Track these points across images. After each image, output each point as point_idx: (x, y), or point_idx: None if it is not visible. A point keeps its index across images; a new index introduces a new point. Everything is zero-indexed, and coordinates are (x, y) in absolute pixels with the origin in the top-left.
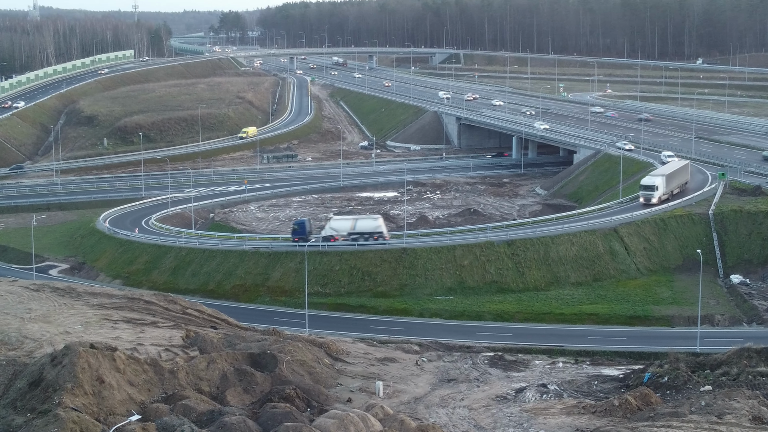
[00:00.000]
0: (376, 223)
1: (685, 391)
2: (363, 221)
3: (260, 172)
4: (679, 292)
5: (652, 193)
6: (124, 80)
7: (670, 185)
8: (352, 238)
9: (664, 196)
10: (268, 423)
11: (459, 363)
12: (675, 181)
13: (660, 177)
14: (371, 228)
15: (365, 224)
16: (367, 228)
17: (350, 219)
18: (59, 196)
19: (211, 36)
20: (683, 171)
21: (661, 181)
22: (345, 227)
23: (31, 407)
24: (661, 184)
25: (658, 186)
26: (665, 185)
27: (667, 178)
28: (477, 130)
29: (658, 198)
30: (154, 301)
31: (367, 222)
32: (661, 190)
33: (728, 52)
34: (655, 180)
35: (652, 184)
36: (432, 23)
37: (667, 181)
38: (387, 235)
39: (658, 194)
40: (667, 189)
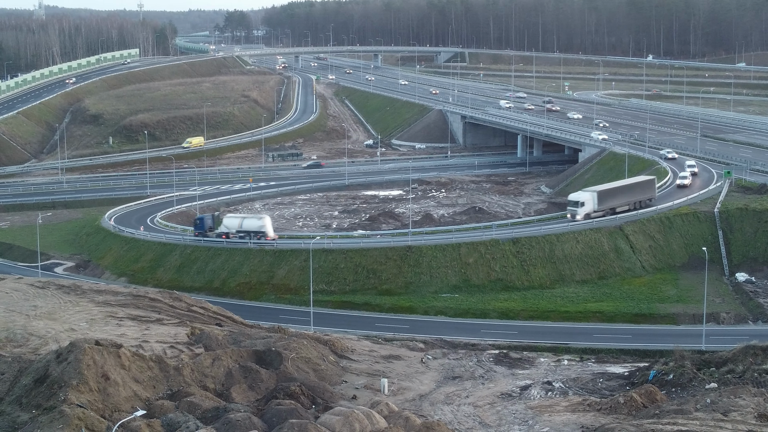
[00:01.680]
0: (260, 223)
1: (690, 388)
2: (249, 220)
3: (265, 170)
4: (684, 290)
5: (576, 209)
6: (129, 79)
7: (606, 203)
8: (239, 235)
9: (595, 213)
10: (273, 420)
11: (464, 360)
12: (618, 198)
13: (589, 193)
14: (256, 227)
15: (251, 223)
16: (252, 227)
17: (239, 217)
18: (64, 195)
19: (216, 35)
20: (639, 187)
21: (589, 197)
22: (234, 225)
23: (36, 404)
24: (590, 200)
25: (584, 202)
26: (596, 202)
27: (600, 195)
28: (482, 128)
29: (583, 215)
30: (159, 299)
31: (252, 221)
32: (588, 207)
33: (734, 51)
34: (581, 196)
35: (577, 200)
36: (437, 22)
37: (600, 199)
38: (270, 235)
39: (584, 211)
40: (600, 206)
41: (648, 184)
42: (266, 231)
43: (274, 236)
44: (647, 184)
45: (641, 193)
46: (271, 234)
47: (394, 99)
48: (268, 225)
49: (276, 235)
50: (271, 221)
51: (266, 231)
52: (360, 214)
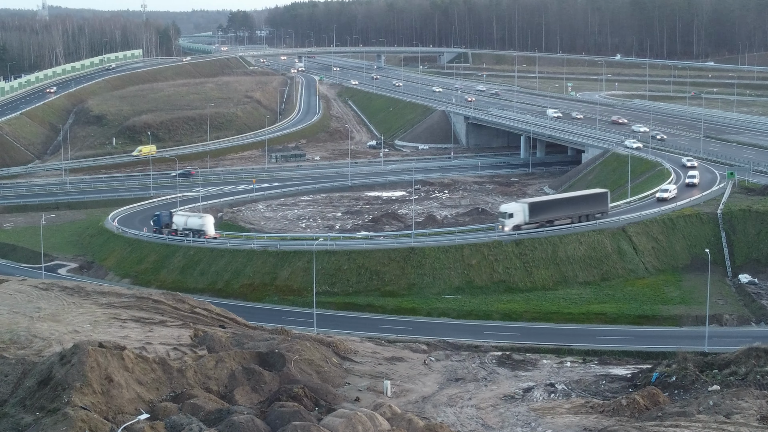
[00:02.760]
0: (200, 222)
1: (693, 390)
2: (192, 219)
3: (269, 171)
4: (687, 291)
5: (504, 220)
6: (132, 79)
7: (538, 215)
8: (185, 232)
9: (526, 225)
10: (276, 422)
11: (467, 362)
12: (556, 211)
13: (520, 205)
14: (197, 225)
15: (193, 221)
16: (194, 225)
17: (185, 216)
18: (68, 195)
19: (219, 35)
20: (586, 200)
21: (519, 208)
22: (181, 222)
23: (40, 406)
24: (520, 212)
25: (513, 214)
26: (526, 215)
27: (532, 207)
28: (485, 129)
29: (512, 227)
30: (162, 300)
31: (194, 220)
32: (517, 219)
33: (737, 51)
34: (511, 207)
35: (505, 212)
36: (440, 22)
37: (532, 211)
38: (209, 234)
39: (512, 222)
40: (531, 218)
41: (599, 198)
42: (206, 230)
43: (214, 235)
44: (597, 197)
45: (589, 207)
46: (211, 233)
47: (397, 100)
48: (207, 224)
49: (217, 234)
50: (213, 221)
51: (206, 230)
52: (363, 216)
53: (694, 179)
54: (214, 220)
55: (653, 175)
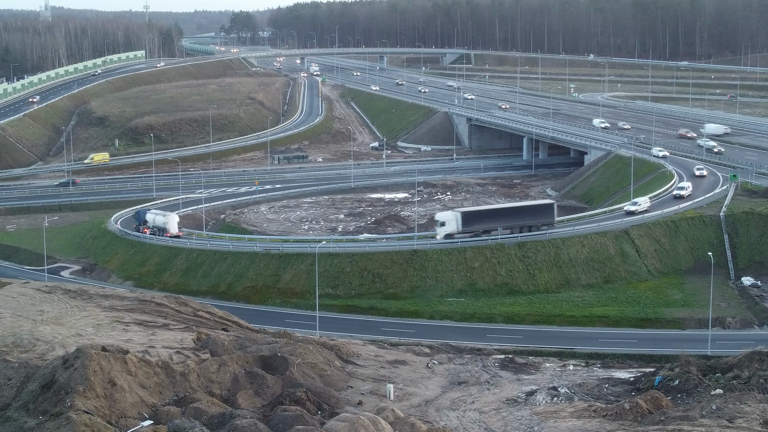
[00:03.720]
0: (164, 220)
1: (696, 394)
2: (158, 217)
3: (271, 173)
4: (690, 294)
5: (437, 228)
6: (135, 81)
7: (473, 224)
8: (154, 230)
9: (460, 234)
10: (279, 426)
11: (470, 365)
12: (493, 221)
13: (453, 213)
14: (161, 223)
15: (159, 219)
16: (159, 223)
17: (153, 214)
18: (71, 197)
19: (222, 36)
20: (528, 211)
21: (452, 217)
22: (150, 220)
23: (43, 410)
24: (452, 220)
25: (445, 222)
26: (459, 223)
27: (465, 216)
28: (488, 130)
29: (444, 235)
30: (165, 304)
31: (159, 218)
32: (450, 227)
33: (740, 52)
34: (444, 216)
35: (438, 220)
36: (443, 23)
37: (465, 220)
38: (171, 231)
39: (444, 231)
40: (464, 227)
41: (544, 209)
42: (168, 227)
43: (177, 233)
44: (542, 208)
45: (532, 218)
46: (173, 231)
47: (400, 101)
48: (170, 222)
49: (181, 232)
50: (177, 220)
51: (168, 227)
52: (366, 218)
53: (683, 191)
54: (178, 219)
55: (656, 177)
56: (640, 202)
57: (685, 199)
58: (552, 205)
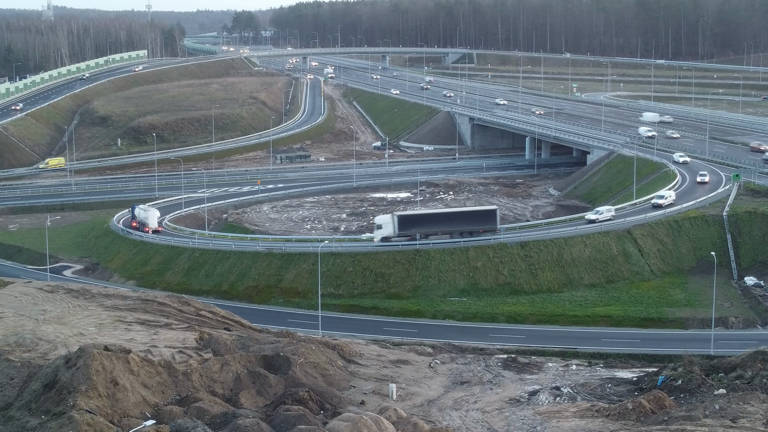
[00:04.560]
0: (145, 215)
1: (699, 394)
2: (141, 212)
3: (273, 172)
4: (692, 294)
5: (375, 232)
6: (137, 80)
7: (409, 228)
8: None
9: (397, 237)
10: (281, 425)
11: (472, 365)
12: (431, 225)
13: (389, 217)
14: (142, 218)
15: (142, 214)
16: (141, 217)
17: (140, 209)
18: (73, 197)
19: (224, 36)
20: (470, 216)
21: (389, 220)
22: (137, 214)
23: (45, 409)
24: (389, 224)
25: (382, 225)
26: (396, 227)
27: (401, 220)
28: (490, 130)
29: (380, 238)
30: (167, 303)
31: (141, 213)
32: (386, 231)
33: (742, 52)
34: (381, 219)
35: (375, 223)
36: (445, 23)
37: (401, 223)
38: (150, 226)
39: (381, 234)
40: (401, 231)
41: (486, 215)
42: (147, 222)
43: (155, 228)
44: (484, 214)
45: (473, 224)
46: (152, 226)
47: (402, 101)
48: (149, 217)
49: (161, 227)
50: (157, 215)
51: (147, 222)
52: (368, 217)
53: (662, 200)
54: (158, 214)
55: (658, 177)
56: (602, 211)
57: (664, 208)
58: (494, 211)
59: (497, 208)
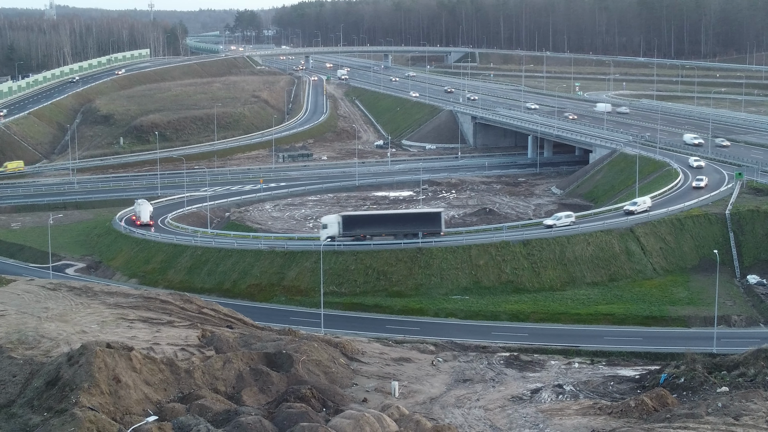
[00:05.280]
0: (138, 208)
1: (701, 392)
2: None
3: (276, 171)
4: (695, 292)
5: (320, 231)
6: (140, 79)
7: (354, 229)
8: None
9: (341, 237)
10: (283, 423)
11: (474, 363)
12: (376, 226)
13: (335, 217)
14: (136, 211)
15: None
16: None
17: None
18: (76, 195)
19: (226, 35)
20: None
21: (334, 220)
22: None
23: (47, 406)
24: (334, 224)
25: (327, 225)
26: (340, 227)
27: (346, 220)
28: (492, 129)
29: (325, 237)
30: (170, 301)
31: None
32: (332, 230)
33: (745, 51)
34: (327, 219)
35: (321, 222)
36: (447, 22)
37: (345, 224)
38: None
39: (326, 233)
40: (345, 231)
41: (430, 217)
42: (140, 216)
43: (147, 221)
44: (428, 216)
45: (417, 226)
46: (143, 219)
47: (405, 99)
48: (142, 211)
49: (151, 221)
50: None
51: (140, 216)
52: None
53: (635, 206)
54: (150, 209)
55: (661, 176)
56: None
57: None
58: (439, 214)
59: (442, 211)
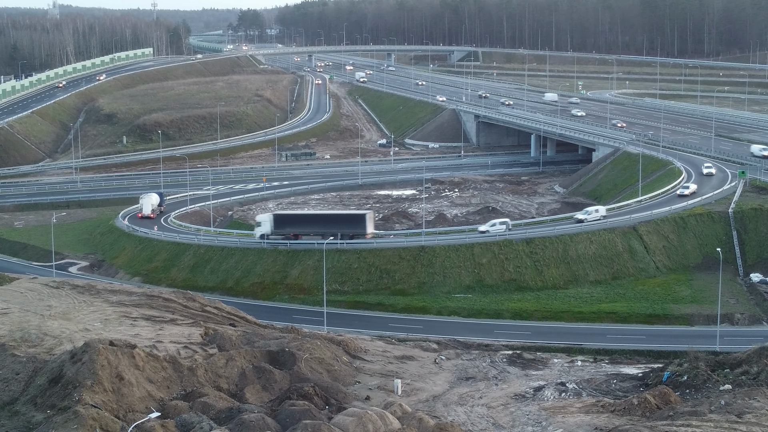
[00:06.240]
0: (141, 201)
1: (704, 390)
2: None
3: (279, 169)
4: (698, 290)
5: (255, 229)
6: (143, 78)
7: (284, 228)
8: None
9: (273, 236)
10: (286, 420)
11: (477, 361)
12: (305, 226)
13: (267, 215)
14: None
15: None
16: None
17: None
18: (79, 194)
19: (229, 34)
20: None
21: (267, 219)
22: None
23: (51, 404)
24: (267, 222)
25: (261, 223)
26: (272, 225)
27: (277, 219)
28: (495, 127)
29: (259, 235)
30: (173, 299)
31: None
32: (264, 229)
33: (748, 50)
34: (260, 217)
35: (256, 220)
36: (450, 21)
37: (276, 222)
38: (143, 212)
39: (260, 231)
40: (276, 230)
41: (356, 219)
42: (142, 209)
43: (148, 214)
44: (354, 218)
45: (343, 227)
46: (144, 212)
47: (408, 98)
48: (144, 204)
49: (152, 214)
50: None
51: (142, 209)
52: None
53: (587, 215)
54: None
55: (664, 174)
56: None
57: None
58: (364, 216)
59: (366, 213)
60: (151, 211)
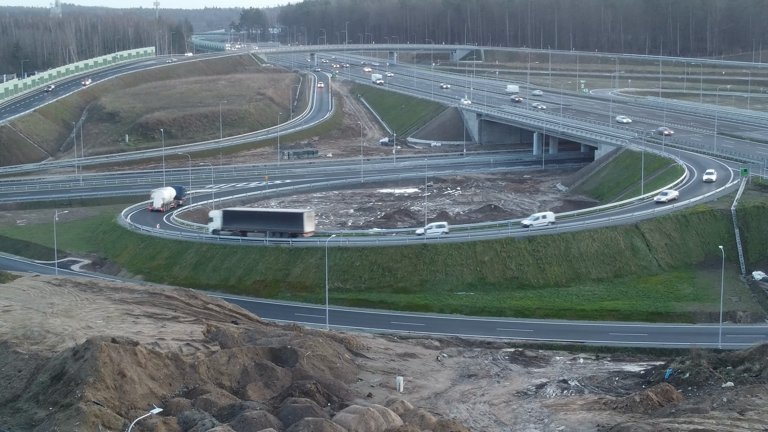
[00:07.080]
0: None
1: (706, 387)
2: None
3: (281, 168)
4: (700, 288)
5: (208, 225)
6: (145, 77)
7: (233, 224)
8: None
9: (223, 231)
10: (288, 418)
11: (479, 359)
12: (252, 223)
13: (218, 212)
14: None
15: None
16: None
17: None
18: (81, 192)
19: (232, 33)
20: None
21: (218, 215)
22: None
23: (53, 401)
24: (218, 218)
25: (213, 219)
26: (221, 221)
27: (226, 215)
28: (498, 126)
29: (212, 231)
30: (175, 297)
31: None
32: (216, 224)
33: (751, 48)
34: (213, 213)
35: (209, 216)
36: (453, 19)
37: (225, 219)
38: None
39: (212, 226)
40: (225, 225)
41: (293, 218)
42: (153, 202)
43: (158, 207)
44: (292, 217)
45: (282, 225)
46: (155, 206)
47: (410, 97)
48: (155, 197)
49: (162, 208)
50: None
51: (153, 202)
52: (375, 212)
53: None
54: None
55: (666, 172)
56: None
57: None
58: (301, 215)
59: (304, 212)
60: (161, 205)
